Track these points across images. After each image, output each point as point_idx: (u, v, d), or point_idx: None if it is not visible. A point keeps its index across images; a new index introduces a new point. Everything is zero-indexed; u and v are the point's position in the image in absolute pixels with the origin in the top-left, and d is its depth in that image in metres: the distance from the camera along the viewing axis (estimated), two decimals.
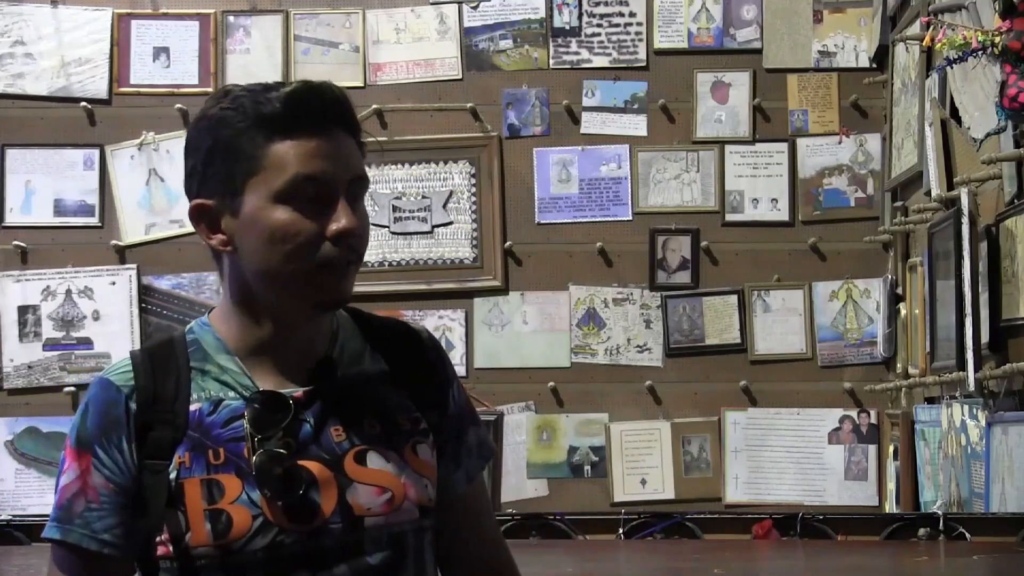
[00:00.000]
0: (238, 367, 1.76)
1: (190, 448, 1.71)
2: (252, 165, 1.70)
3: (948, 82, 4.46)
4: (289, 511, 1.70)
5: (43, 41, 5.91)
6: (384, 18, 5.94)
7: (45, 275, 5.84)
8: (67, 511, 1.73)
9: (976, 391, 4.10)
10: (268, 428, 1.71)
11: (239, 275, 1.77)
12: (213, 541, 1.69)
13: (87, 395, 1.75)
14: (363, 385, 1.80)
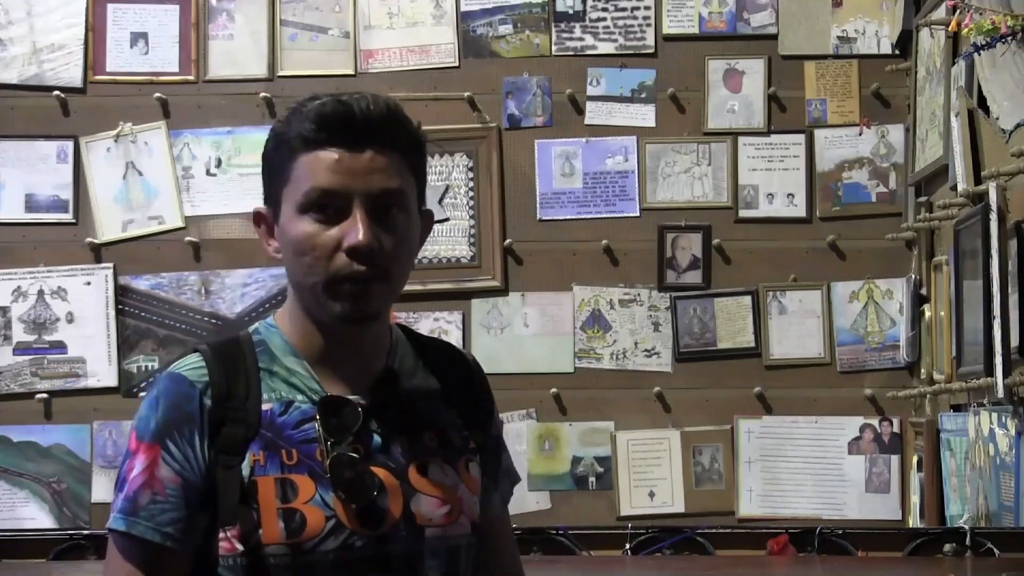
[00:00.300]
0: (306, 371, 1.88)
1: (263, 447, 1.82)
2: (284, 177, 1.84)
3: (975, 70, 4.47)
4: (360, 515, 1.81)
5: (13, 26, 5.92)
6: (376, 2, 5.95)
7: (15, 275, 5.85)
8: (133, 503, 1.80)
9: (1005, 398, 4.10)
10: (340, 433, 1.83)
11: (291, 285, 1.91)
12: (286, 539, 1.79)
13: (156, 389, 1.85)
14: (420, 399, 1.93)
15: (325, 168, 1.82)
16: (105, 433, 5.76)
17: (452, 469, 1.92)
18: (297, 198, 1.82)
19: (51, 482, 5.76)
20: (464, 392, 1.99)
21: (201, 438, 1.82)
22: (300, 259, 1.83)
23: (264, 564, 1.80)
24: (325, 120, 1.82)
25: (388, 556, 1.84)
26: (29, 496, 5.75)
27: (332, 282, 1.81)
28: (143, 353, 5.83)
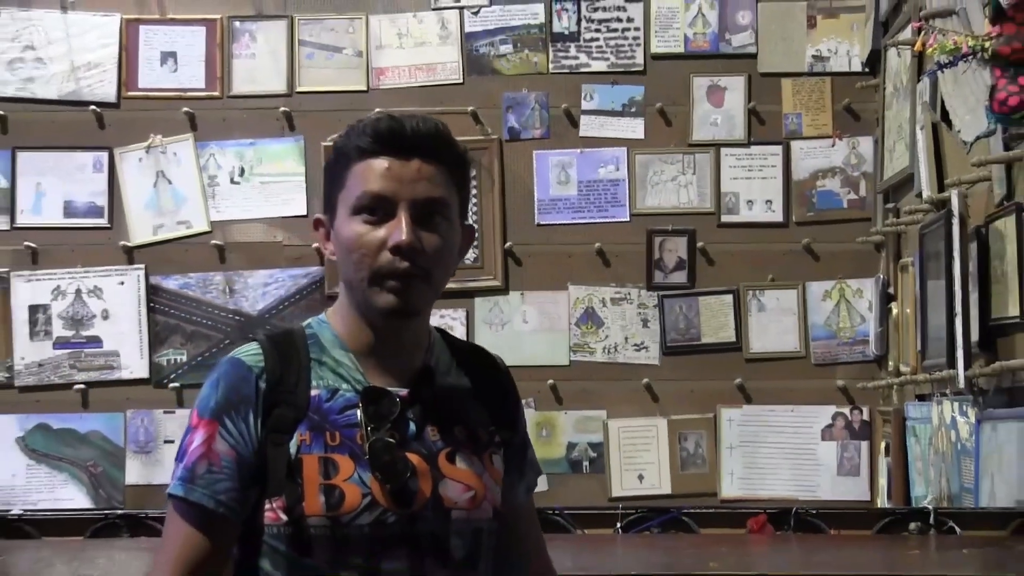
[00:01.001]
0: (352, 363, 1.92)
1: (310, 428, 1.86)
2: (340, 184, 1.91)
3: (939, 86, 4.46)
4: (394, 494, 1.85)
5: (53, 46, 5.91)
6: (387, 23, 5.95)
7: (55, 275, 5.85)
8: (192, 472, 1.85)
9: (966, 389, 4.11)
10: (379, 420, 1.87)
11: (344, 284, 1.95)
12: (326, 512, 1.83)
13: (218, 372, 1.91)
14: (453, 395, 1.97)
15: (376, 175, 1.87)
16: (137, 421, 5.76)
17: (478, 460, 1.95)
18: (350, 202, 1.88)
19: (88, 466, 5.76)
20: (493, 392, 2.03)
21: (255, 417, 1.86)
22: (350, 256, 1.88)
23: (305, 534, 1.83)
24: (378, 133, 1.88)
25: (417, 533, 1.87)
26: (68, 479, 5.75)
27: (377, 276, 1.87)
28: (172, 347, 5.83)
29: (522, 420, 2.08)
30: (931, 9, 4.34)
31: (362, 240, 1.87)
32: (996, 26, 3.47)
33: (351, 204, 1.88)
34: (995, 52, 3.45)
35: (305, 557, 1.84)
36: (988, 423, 3.88)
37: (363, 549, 1.85)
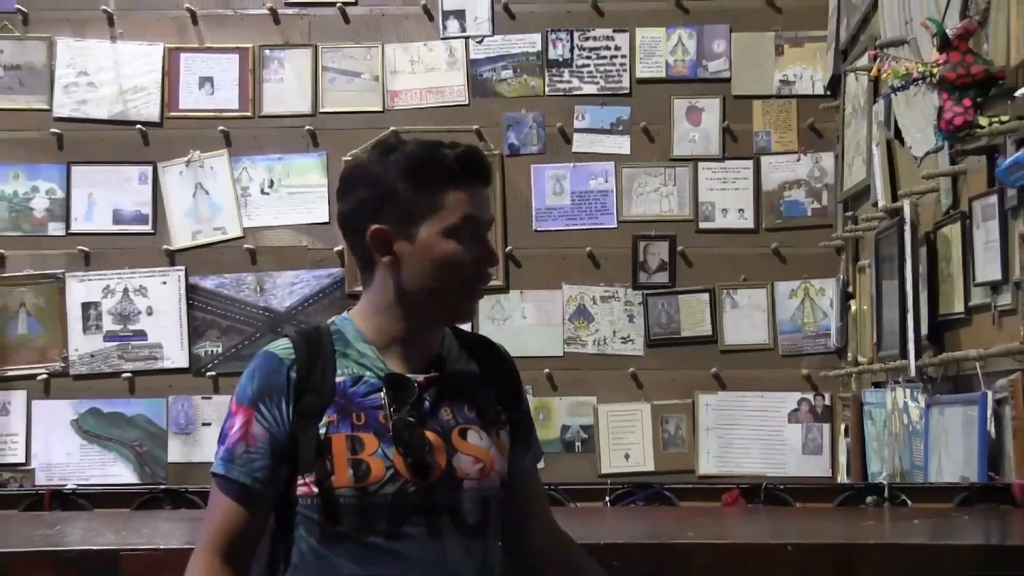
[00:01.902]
0: (374, 353, 1.94)
1: (337, 411, 1.89)
2: (431, 206, 1.91)
3: (892, 107, 4.47)
4: (413, 467, 1.88)
5: (103, 72, 5.92)
6: (400, 51, 5.96)
7: (105, 276, 5.86)
8: (231, 453, 1.88)
9: (916, 377, 4.11)
10: (400, 402, 1.90)
11: (393, 286, 1.94)
12: (353, 483, 1.86)
13: (254, 364, 1.93)
14: (463, 380, 1.99)
15: (474, 201, 1.93)
16: (178, 406, 5.77)
17: (487, 435, 1.97)
18: (447, 223, 1.90)
19: (134, 445, 5.77)
20: (497, 376, 2.05)
21: (287, 404, 1.88)
22: (442, 270, 1.91)
23: (335, 504, 1.86)
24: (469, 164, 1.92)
25: (434, 502, 1.89)
26: (116, 457, 5.76)
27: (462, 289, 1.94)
28: (209, 340, 5.84)
29: (525, 401, 2.10)
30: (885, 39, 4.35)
31: (460, 257, 1.91)
32: (943, 54, 3.47)
33: (447, 226, 1.90)
34: (942, 77, 3.45)
35: (335, 524, 1.86)
36: (936, 407, 3.88)
37: (386, 516, 1.87)
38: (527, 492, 2.07)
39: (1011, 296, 3.52)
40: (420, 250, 1.91)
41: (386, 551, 1.86)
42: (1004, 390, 3.40)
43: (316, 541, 1.87)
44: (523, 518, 2.07)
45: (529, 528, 2.07)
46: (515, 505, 2.04)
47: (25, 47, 5.93)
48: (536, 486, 2.12)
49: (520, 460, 2.05)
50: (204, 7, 5.96)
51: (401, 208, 1.92)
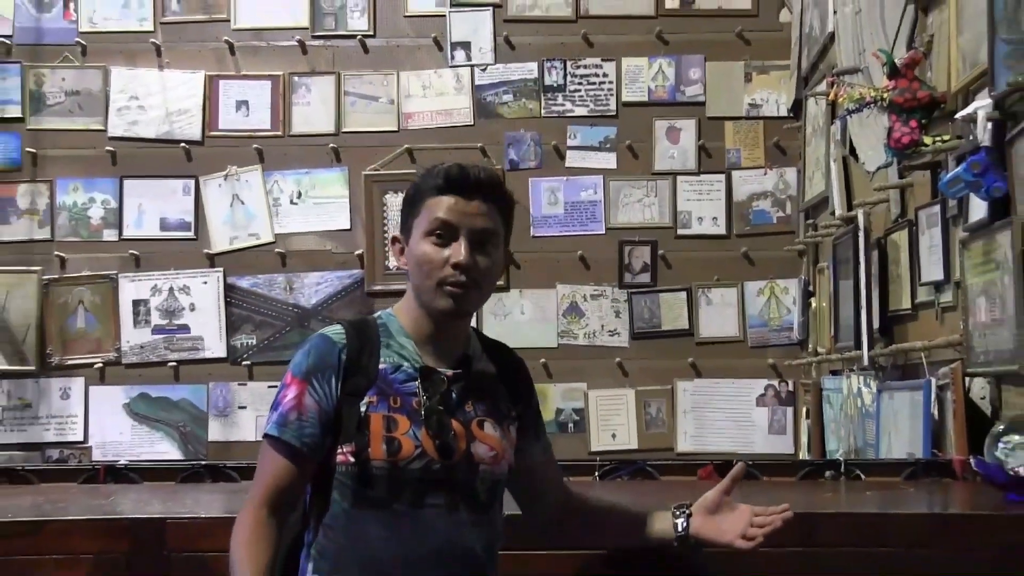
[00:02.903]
0: (412, 347, 1.98)
1: (377, 393, 1.92)
2: (416, 212, 1.98)
3: (848, 128, 4.47)
4: (439, 448, 1.91)
5: (152, 96, 5.93)
6: (413, 78, 5.96)
7: (153, 276, 5.86)
8: (284, 418, 1.91)
9: (869, 366, 4.12)
10: (432, 391, 1.94)
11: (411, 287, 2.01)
12: (386, 457, 1.89)
13: (310, 343, 1.97)
14: (484, 378, 2.03)
15: (444, 207, 1.95)
16: (217, 391, 5.77)
17: (500, 428, 2.00)
18: (423, 227, 1.95)
19: (179, 426, 5.77)
20: (511, 377, 2.08)
21: (336, 381, 1.92)
22: (421, 268, 1.95)
23: (369, 473, 1.89)
24: (449, 177, 1.96)
25: (453, 479, 1.92)
26: (163, 436, 5.76)
27: (440, 285, 1.94)
28: (244, 333, 5.84)
29: (534, 398, 2.13)
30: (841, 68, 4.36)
31: (430, 256, 1.94)
32: (892, 81, 3.48)
33: (424, 228, 1.95)
34: (891, 101, 3.46)
35: (367, 490, 1.90)
36: (886, 392, 3.89)
37: (412, 487, 1.90)
38: (543, 474, 2.12)
39: (952, 294, 3.52)
40: (410, 251, 1.98)
41: (409, 518, 1.90)
42: (945, 377, 3.41)
43: (349, 505, 1.90)
44: (540, 494, 2.12)
45: (545, 501, 2.12)
46: (532, 484, 2.10)
47: (84, 75, 5.93)
48: (549, 467, 2.15)
49: (532, 448, 2.09)
50: (240, 39, 5.96)
51: (406, 218, 2.01)
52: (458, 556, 1.91)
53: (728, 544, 2.05)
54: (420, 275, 1.97)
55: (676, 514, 2.10)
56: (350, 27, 5.97)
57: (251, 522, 1.88)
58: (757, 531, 2.04)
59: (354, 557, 1.89)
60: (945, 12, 3.49)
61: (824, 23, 4.90)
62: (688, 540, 2.08)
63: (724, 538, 2.06)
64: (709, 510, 2.10)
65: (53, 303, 5.81)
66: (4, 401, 5.75)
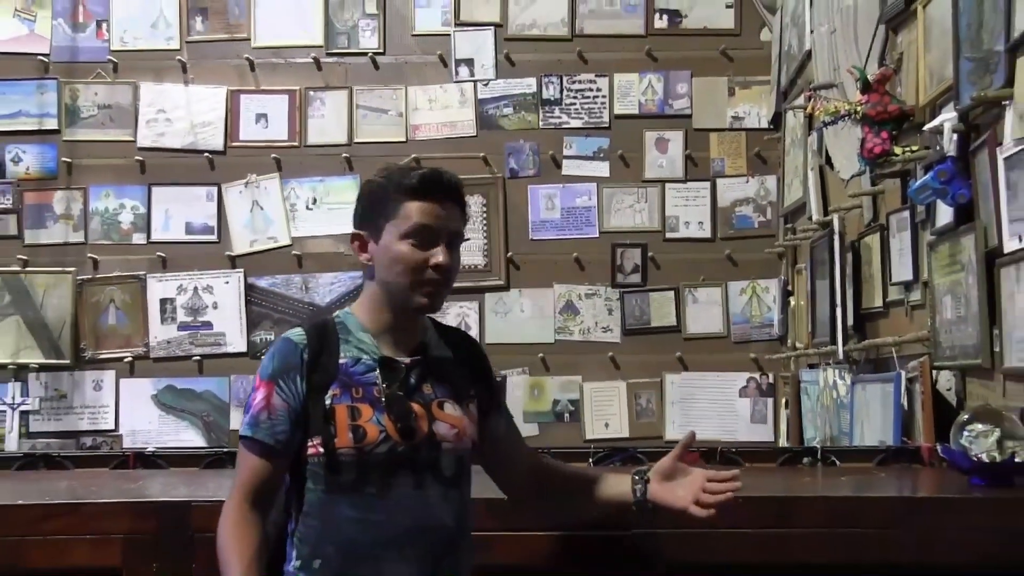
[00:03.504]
0: (370, 341, 1.97)
1: (340, 386, 1.91)
2: (393, 214, 1.94)
3: (824, 139, 4.48)
4: (401, 431, 1.91)
5: (178, 110, 5.93)
6: (420, 92, 5.96)
7: (179, 276, 5.86)
8: (256, 419, 1.91)
9: (843, 359, 4.12)
10: (391, 379, 1.94)
11: (374, 284, 1.99)
12: (353, 444, 1.89)
13: (274, 347, 1.96)
14: (441, 363, 2.02)
15: (425, 212, 1.93)
16: (238, 383, 5.77)
17: (460, 407, 1.99)
18: (402, 229, 1.92)
19: (203, 416, 5.78)
20: (468, 358, 2.07)
21: (300, 380, 1.91)
22: (395, 267, 1.93)
23: (338, 461, 1.89)
24: (426, 181, 1.93)
25: (418, 459, 1.92)
26: (188, 425, 5.77)
27: (418, 285, 1.93)
28: (263, 330, 5.84)
29: (491, 375, 2.12)
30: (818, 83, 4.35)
31: (410, 258, 1.92)
32: (865, 95, 3.48)
33: (402, 230, 1.92)
34: (864, 114, 3.46)
35: (338, 477, 1.89)
36: (859, 384, 3.89)
37: (380, 470, 1.90)
38: (508, 444, 2.11)
39: (920, 293, 3.52)
40: (382, 250, 1.95)
41: (380, 499, 1.89)
42: (914, 370, 3.41)
43: (322, 491, 1.90)
44: (510, 462, 2.11)
45: (516, 469, 2.11)
46: (501, 455, 2.09)
47: (115, 90, 5.93)
48: (513, 438, 2.13)
49: (495, 421, 2.08)
50: (260, 57, 5.96)
51: (374, 216, 1.96)
52: (429, 531, 1.91)
53: (683, 510, 2.00)
54: (394, 274, 1.94)
55: (635, 480, 2.06)
56: (362, 45, 5.98)
57: (234, 516, 1.89)
58: (710, 498, 1.99)
59: (331, 540, 1.89)
60: (914, 32, 3.49)
61: (802, 42, 4.90)
62: (646, 505, 2.04)
63: (679, 503, 2.01)
64: (665, 476, 2.05)
65: (86, 301, 5.82)
66: (42, 393, 5.75)
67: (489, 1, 5.96)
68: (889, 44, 3.77)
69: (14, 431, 5.56)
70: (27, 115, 5.88)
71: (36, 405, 5.71)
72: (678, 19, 5.92)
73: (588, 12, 5.94)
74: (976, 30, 2.96)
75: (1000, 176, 2.84)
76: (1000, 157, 2.84)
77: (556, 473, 2.15)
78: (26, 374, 5.75)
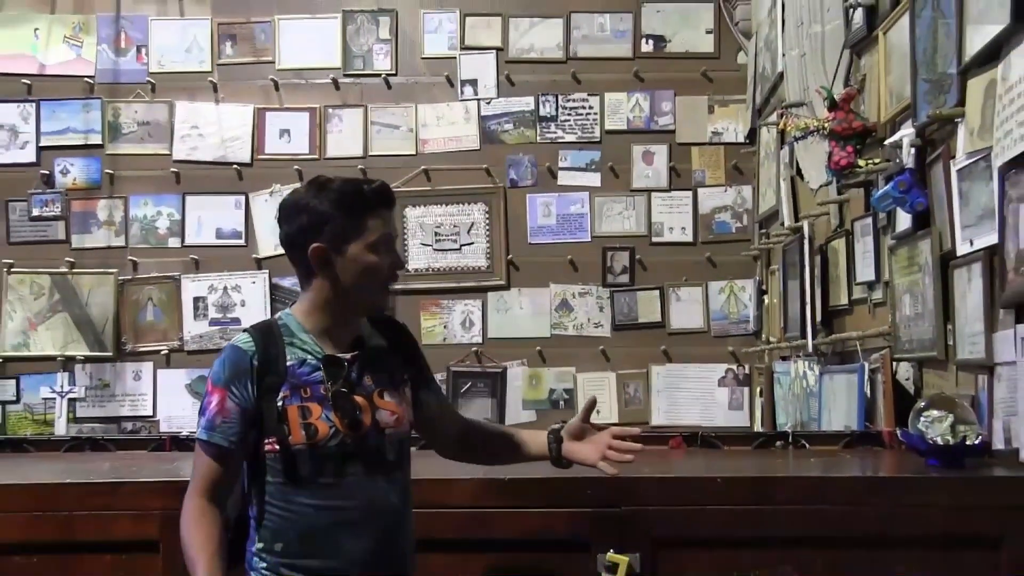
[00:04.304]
0: (312, 341, 1.94)
1: (289, 388, 1.89)
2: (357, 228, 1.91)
3: (795, 152, 4.48)
4: (348, 424, 1.90)
5: (209, 126, 5.93)
6: (429, 110, 5.96)
7: (210, 277, 5.87)
8: (212, 423, 1.89)
9: (812, 352, 4.13)
10: (335, 376, 1.91)
11: (329, 289, 1.93)
12: (306, 441, 1.88)
13: (224, 354, 1.93)
14: (377, 353, 1.99)
15: (387, 222, 1.95)
16: None
17: (397, 393, 1.99)
18: (370, 240, 1.91)
19: None
20: (400, 344, 2.06)
21: (251, 384, 1.89)
22: (368, 276, 1.92)
23: (293, 456, 1.88)
24: (381, 196, 1.94)
25: (365, 447, 1.91)
26: None
27: (385, 289, 1.96)
28: None
29: (420, 356, 2.10)
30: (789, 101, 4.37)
31: (380, 265, 1.92)
32: (832, 113, 3.49)
33: (370, 241, 1.91)
34: (831, 130, 3.47)
35: (295, 470, 1.89)
36: (827, 375, 3.90)
37: (333, 461, 1.90)
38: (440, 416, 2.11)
39: (882, 292, 3.53)
40: (351, 261, 1.91)
41: (334, 487, 1.89)
42: (876, 362, 3.42)
43: (281, 483, 1.90)
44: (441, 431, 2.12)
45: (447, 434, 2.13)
46: (434, 426, 2.10)
47: (153, 108, 5.94)
48: (443, 408, 2.14)
49: (427, 398, 2.07)
50: (283, 78, 5.97)
51: (335, 230, 1.90)
52: (379, 512, 1.92)
53: (592, 465, 2.06)
54: (365, 279, 1.92)
55: (550, 439, 2.12)
56: (376, 67, 5.98)
57: (194, 510, 1.89)
58: (615, 455, 2.07)
59: (291, 526, 1.89)
60: (876, 56, 3.50)
61: (775, 64, 4.90)
62: (562, 460, 2.11)
63: (588, 460, 2.07)
64: (575, 436, 2.12)
65: (127, 300, 5.83)
66: (87, 382, 5.76)
67: (491, 27, 5.96)
68: (853, 67, 3.78)
69: (63, 417, 5.58)
70: (74, 131, 5.89)
71: (82, 393, 5.71)
72: (662, 44, 5.93)
73: (581, 37, 5.94)
74: (931, 55, 2.97)
75: (953, 186, 2.85)
76: (953, 169, 2.85)
77: (483, 434, 2.19)
78: (73, 365, 5.75)
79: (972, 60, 2.71)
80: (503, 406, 5.68)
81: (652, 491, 2.34)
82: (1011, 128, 2.48)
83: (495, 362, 5.72)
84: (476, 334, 5.76)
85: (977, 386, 2.75)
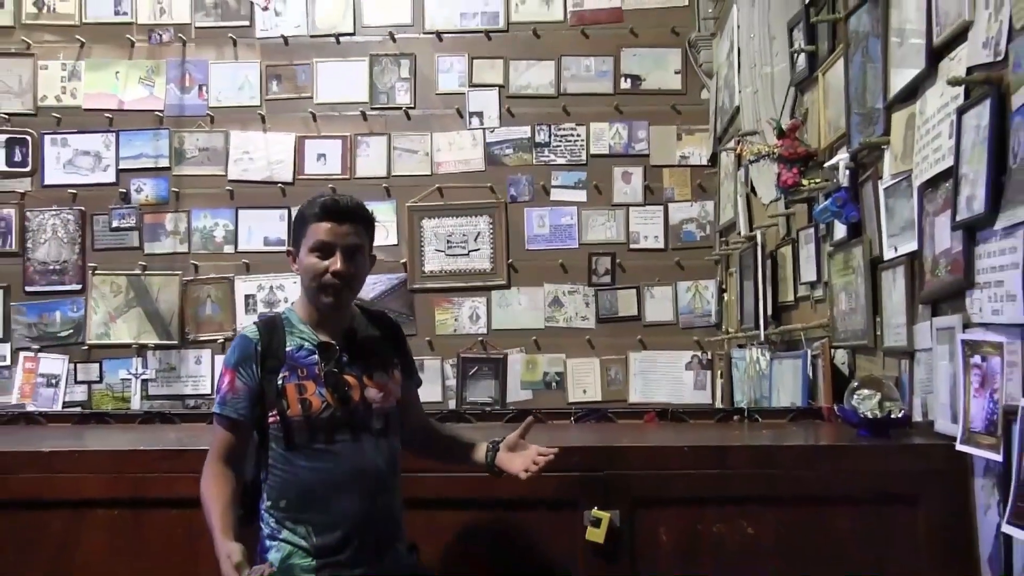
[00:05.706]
0: (309, 330, 1.97)
1: (288, 369, 1.92)
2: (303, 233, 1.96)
3: (749, 173, 4.49)
4: (339, 399, 1.91)
5: (258, 151, 5.93)
6: (442, 137, 5.96)
7: (259, 278, 5.87)
8: (224, 399, 1.93)
9: (764, 341, 4.14)
10: (328, 359, 1.94)
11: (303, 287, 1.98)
12: (302, 413, 1.90)
13: (235, 342, 1.96)
14: (369, 340, 2.01)
15: (324, 231, 1.93)
16: None
17: (386, 374, 2.00)
18: (309, 244, 1.94)
19: None
20: (391, 336, 2.07)
21: (256, 367, 1.92)
22: (307, 276, 1.94)
23: (291, 426, 1.90)
24: (325, 207, 1.95)
25: (354, 419, 1.92)
26: None
27: (322, 288, 1.94)
28: None
29: (408, 349, 2.10)
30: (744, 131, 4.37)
31: (315, 267, 1.93)
32: (780, 140, 3.50)
33: (309, 246, 1.94)
34: (780, 155, 3.48)
35: (293, 438, 1.91)
36: (777, 360, 3.91)
37: (325, 431, 1.91)
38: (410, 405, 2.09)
39: (822, 291, 3.54)
40: (300, 262, 1.96)
41: (326, 452, 1.90)
42: (817, 349, 3.43)
43: (282, 450, 1.93)
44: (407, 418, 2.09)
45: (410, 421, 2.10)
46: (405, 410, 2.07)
47: (211, 136, 5.94)
48: (414, 400, 2.12)
49: (407, 384, 2.08)
50: (320, 111, 5.96)
51: (295, 236, 1.99)
52: (366, 473, 1.93)
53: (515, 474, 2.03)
54: (307, 280, 1.94)
55: (488, 449, 2.10)
56: (397, 101, 5.98)
57: (212, 472, 1.91)
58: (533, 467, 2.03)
59: (292, 485, 1.91)
60: (816, 92, 3.51)
61: (732, 99, 4.91)
62: (494, 468, 2.08)
63: (513, 470, 2.04)
64: (509, 448, 2.09)
65: (189, 297, 5.84)
66: (157, 365, 5.77)
67: (495, 68, 5.96)
68: (798, 102, 3.79)
69: (137, 395, 5.60)
70: (146, 156, 5.90)
71: (153, 375, 5.73)
72: (639, 82, 5.93)
73: (570, 77, 5.95)
74: (862, 92, 2.99)
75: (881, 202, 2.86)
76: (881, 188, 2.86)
77: (437, 435, 2.17)
78: (145, 352, 5.77)
79: (895, 97, 2.73)
80: (505, 387, 5.68)
81: (630, 458, 2.36)
82: (927, 154, 2.50)
83: (498, 350, 5.73)
84: (482, 326, 5.77)
85: (900, 369, 2.76)
